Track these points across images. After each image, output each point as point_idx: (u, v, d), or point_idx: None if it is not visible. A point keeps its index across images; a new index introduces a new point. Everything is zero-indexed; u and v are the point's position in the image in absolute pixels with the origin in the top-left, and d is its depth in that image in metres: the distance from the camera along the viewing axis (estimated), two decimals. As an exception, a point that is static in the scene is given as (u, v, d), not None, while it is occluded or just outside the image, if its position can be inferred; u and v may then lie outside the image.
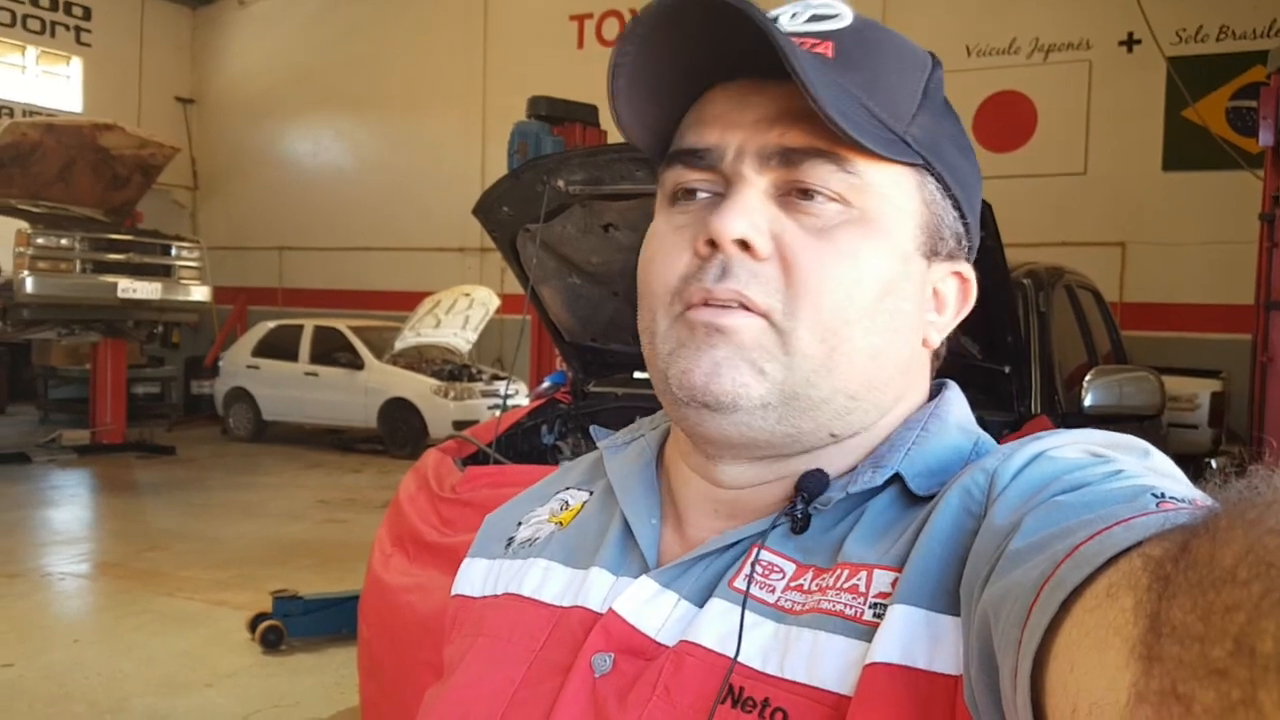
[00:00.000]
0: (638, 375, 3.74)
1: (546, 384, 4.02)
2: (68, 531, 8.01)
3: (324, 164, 15.95)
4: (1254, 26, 9.92)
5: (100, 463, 10.91)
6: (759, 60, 0.62)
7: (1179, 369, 6.24)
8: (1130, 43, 10.49)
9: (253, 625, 5.01)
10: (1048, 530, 0.51)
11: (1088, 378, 3.55)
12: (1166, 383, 3.74)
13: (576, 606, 0.70)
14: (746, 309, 0.63)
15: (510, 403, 8.25)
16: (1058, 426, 3.17)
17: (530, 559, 0.77)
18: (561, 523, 0.79)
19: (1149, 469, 0.57)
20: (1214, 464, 5.54)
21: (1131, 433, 0.63)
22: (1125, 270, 10.50)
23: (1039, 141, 10.95)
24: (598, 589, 0.70)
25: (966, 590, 0.55)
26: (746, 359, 0.63)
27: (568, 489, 0.83)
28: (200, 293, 11.17)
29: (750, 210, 0.63)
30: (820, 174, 0.63)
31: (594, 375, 3.83)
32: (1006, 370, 3.12)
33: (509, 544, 0.81)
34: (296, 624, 5.02)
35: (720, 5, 0.59)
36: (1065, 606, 0.44)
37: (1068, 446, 0.61)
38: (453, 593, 0.83)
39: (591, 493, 0.80)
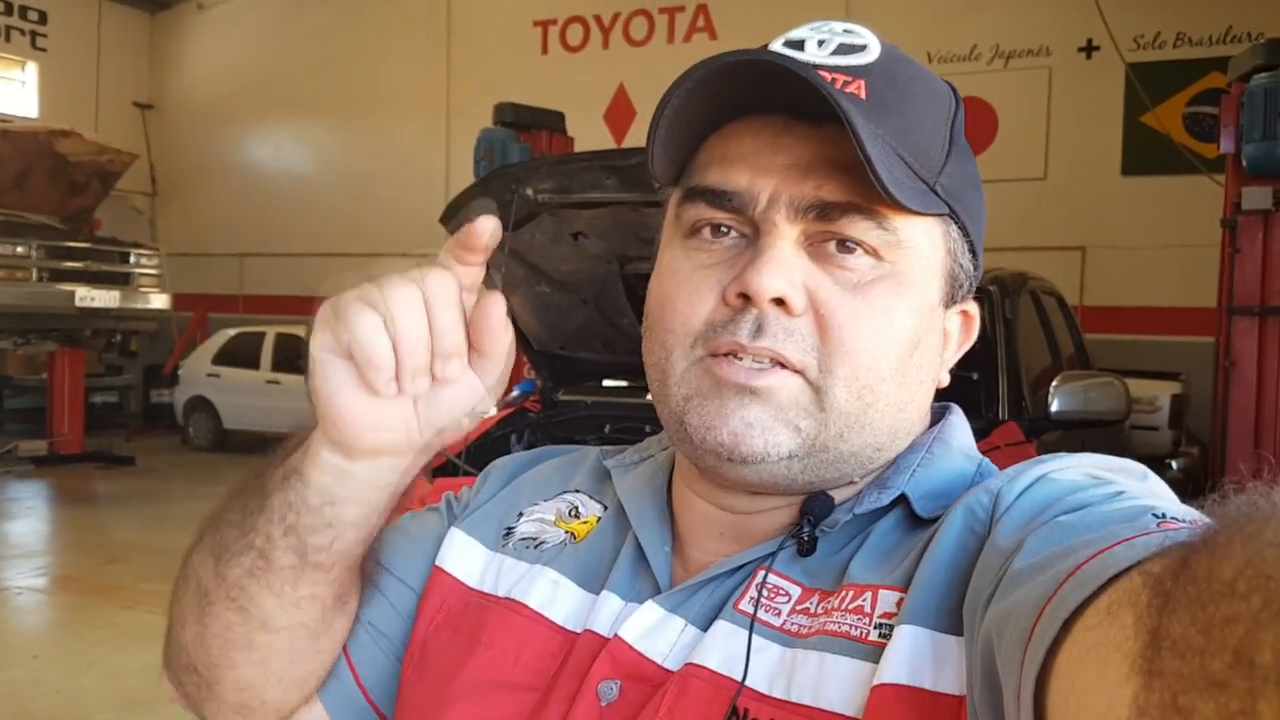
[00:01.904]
0: (607, 383, 3.74)
1: (515, 393, 4.00)
2: (25, 545, 7.85)
3: (285, 169, 15.79)
4: (1210, 33, 10.08)
5: (58, 474, 10.71)
6: (789, 96, 0.61)
7: (1139, 371, 6.32)
8: (1089, 49, 10.63)
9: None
10: (1050, 550, 0.51)
11: (1054, 383, 3.57)
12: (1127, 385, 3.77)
13: (587, 631, 0.69)
14: (782, 366, 0.62)
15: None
16: (1025, 432, 3.20)
17: (537, 565, 0.75)
18: (575, 534, 0.77)
19: (1148, 491, 0.58)
20: (1174, 465, 5.63)
21: (1096, 437, 0.64)
22: (1085, 274, 10.62)
23: (999, 147, 11.04)
24: (607, 614, 0.69)
25: (969, 610, 0.55)
26: (782, 418, 0.63)
27: (577, 492, 0.81)
28: (159, 300, 11.00)
29: (787, 266, 0.62)
30: (858, 230, 0.63)
31: (563, 384, 3.83)
32: (974, 377, 3.15)
33: (507, 534, 0.78)
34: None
35: (779, 68, 0.59)
36: (1067, 625, 0.44)
37: (1070, 469, 0.62)
38: (439, 565, 0.78)
39: (605, 507, 0.78)
